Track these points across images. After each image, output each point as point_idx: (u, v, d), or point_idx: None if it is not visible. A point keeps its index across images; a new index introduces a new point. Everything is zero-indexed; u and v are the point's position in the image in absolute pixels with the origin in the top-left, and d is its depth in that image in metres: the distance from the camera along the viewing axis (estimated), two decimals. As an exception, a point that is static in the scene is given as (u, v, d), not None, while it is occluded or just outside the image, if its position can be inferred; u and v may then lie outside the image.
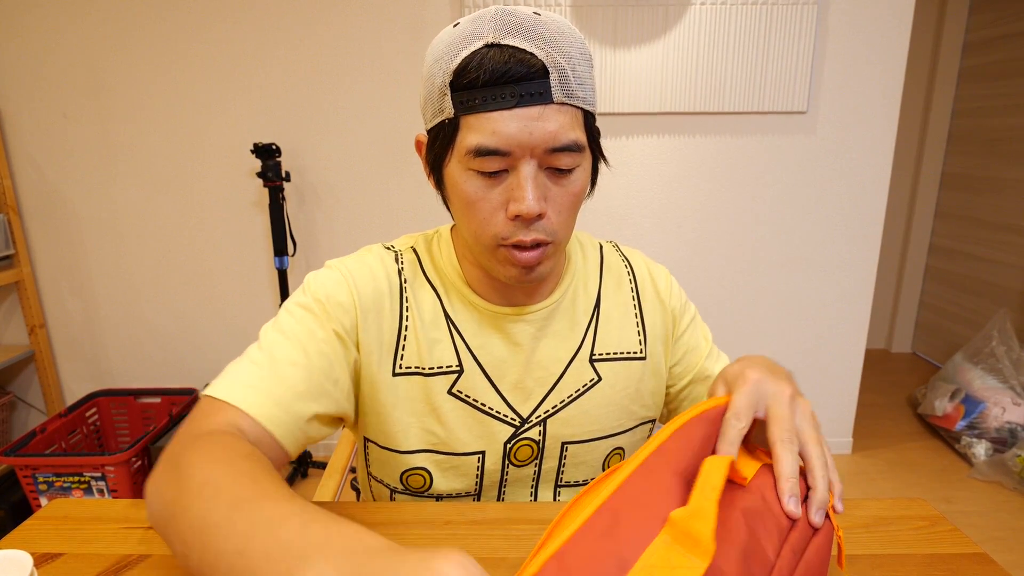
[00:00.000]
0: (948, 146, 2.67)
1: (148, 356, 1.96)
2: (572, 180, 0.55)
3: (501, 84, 0.50)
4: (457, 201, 0.56)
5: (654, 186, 1.81)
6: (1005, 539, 1.61)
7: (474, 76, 0.50)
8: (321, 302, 0.58)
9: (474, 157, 0.52)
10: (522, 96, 0.50)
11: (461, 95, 0.51)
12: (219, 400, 0.50)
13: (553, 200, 0.54)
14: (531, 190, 0.51)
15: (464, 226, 0.57)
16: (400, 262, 0.64)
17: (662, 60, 1.68)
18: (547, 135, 0.51)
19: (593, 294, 0.68)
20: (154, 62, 1.72)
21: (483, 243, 0.56)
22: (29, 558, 0.40)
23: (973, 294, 2.55)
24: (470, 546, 0.52)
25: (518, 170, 0.52)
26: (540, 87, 0.50)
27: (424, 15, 1.68)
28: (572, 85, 0.51)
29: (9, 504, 1.59)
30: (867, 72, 1.71)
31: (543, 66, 0.50)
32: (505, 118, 0.50)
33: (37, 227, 1.85)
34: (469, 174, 0.53)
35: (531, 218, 0.53)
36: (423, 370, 0.61)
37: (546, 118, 0.51)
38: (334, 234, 1.85)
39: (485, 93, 0.50)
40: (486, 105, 0.50)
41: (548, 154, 0.52)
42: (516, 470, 0.65)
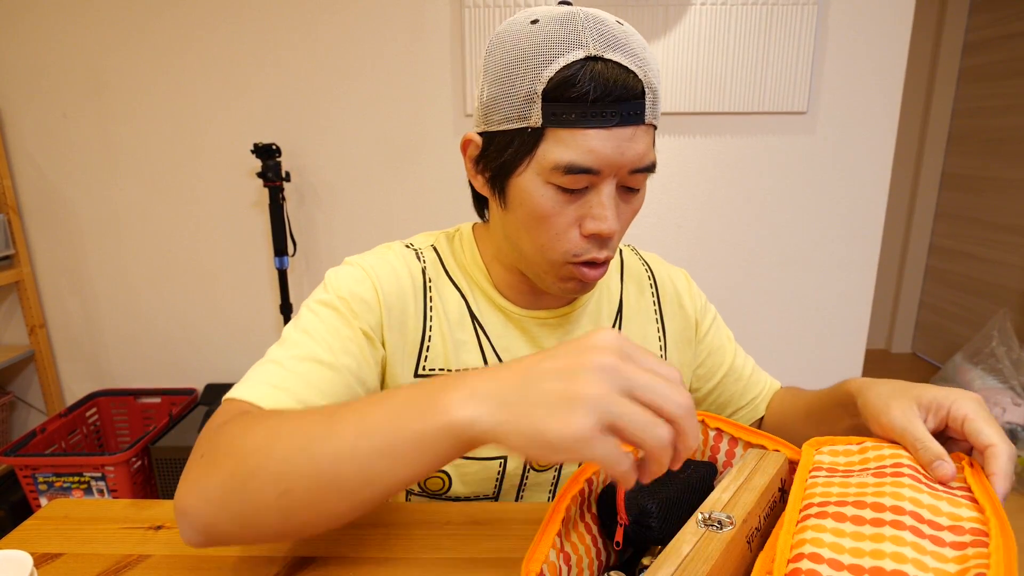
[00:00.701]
0: (948, 146, 2.68)
1: (148, 356, 1.96)
2: (638, 198, 0.55)
3: (605, 102, 0.48)
4: (524, 214, 0.53)
5: (654, 186, 1.81)
6: (1005, 539, 1.61)
7: (580, 92, 0.47)
8: (345, 300, 0.56)
9: (563, 174, 0.50)
10: (623, 116, 0.49)
11: (556, 106, 0.48)
12: (240, 400, 0.49)
13: (621, 216, 0.54)
14: (612, 209, 0.51)
15: (528, 240, 0.55)
16: (422, 260, 0.62)
17: (662, 60, 1.68)
18: (636, 156, 0.50)
19: (616, 297, 0.68)
20: (154, 62, 1.72)
21: (549, 258, 0.54)
22: (29, 558, 0.40)
23: (973, 294, 2.55)
24: (470, 546, 0.52)
25: (600, 189, 0.51)
26: (638, 107, 0.49)
27: (424, 15, 1.68)
28: (658, 108, 0.52)
29: (9, 504, 1.59)
30: (867, 72, 1.71)
31: (643, 88, 0.49)
32: (602, 137, 0.48)
33: (37, 227, 1.85)
34: (548, 188, 0.51)
35: (609, 237, 0.52)
36: (448, 371, 0.60)
37: (637, 139, 0.50)
38: (334, 234, 1.85)
39: (587, 109, 0.48)
40: (585, 121, 0.48)
41: (629, 174, 0.52)
42: (536, 475, 0.64)
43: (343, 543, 0.52)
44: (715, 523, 0.38)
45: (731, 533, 0.37)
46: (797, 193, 1.80)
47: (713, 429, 0.53)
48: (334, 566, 0.50)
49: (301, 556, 0.51)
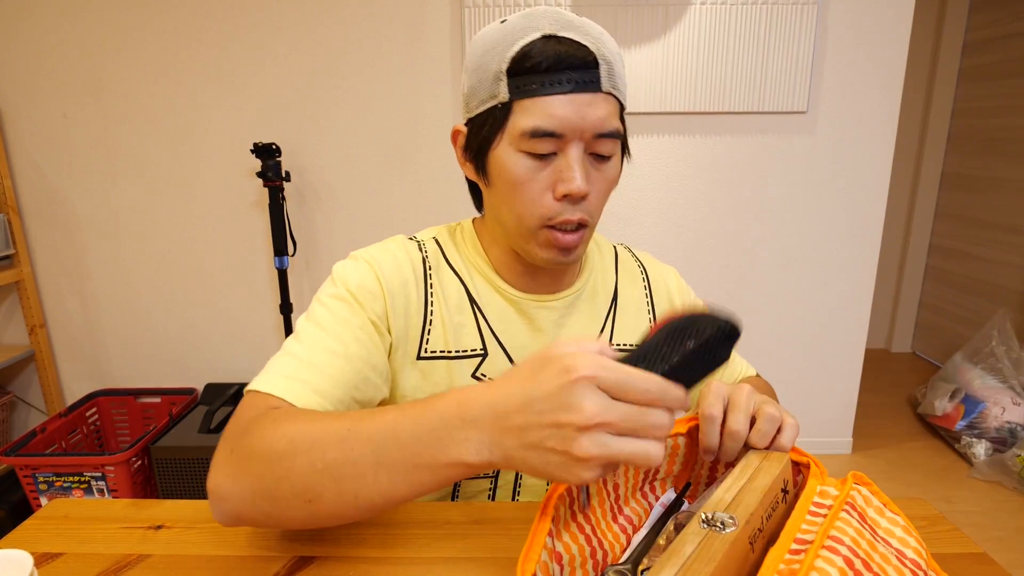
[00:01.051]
0: (948, 146, 2.68)
1: (148, 356, 1.96)
2: (609, 167, 0.59)
3: (559, 71, 0.54)
4: (503, 184, 0.58)
5: (654, 186, 1.81)
6: (1005, 539, 1.61)
7: (535, 62, 0.54)
8: (352, 292, 0.59)
9: (529, 138, 0.55)
10: (577, 83, 0.54)
11: (519, 80, 0.55)
12: (261, 393, 0.52)
13: (594, 183, 0.58)
14: (580, 170, 0.55)
15: (507, 209, 0.59)
16: (423, 250, 0.66)
17: (662, 60, 1.68)
18: (597, 120, 0.55)
19: (611, 287, 0.71)
20: (154, 62, 1.72)
21: (527, 225, 0.58)
22: (29, 558, 0.40)
23: (973, 294, 2.55)
24: (471, 546, 0.52)
25: (567, 152, 0.55)
26: (592, 76, 0.55)
27: (424, 15, 1.68)
28: (616, 79, 0.56)
29: (9, 504, 1.59)
30: (867, 72, 1.71)
31: (595, 58, 0.55)
32: (561, 102, 0.54)
33: (37, 227, 1.85)
34: (519, 156, 0.56)
35: (578, 198, 0.56)
36: (448, 353, 0.63)
37: (596, 105, 0.55)
38: (334, 234, 1.85)
39: (544, 78, 0.54)
40: (544, 89, 0.54)
41: (594, 139, 0.56)
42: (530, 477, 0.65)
43: (343, 543, 0.52)
44: (718, 524, 0.38)
45: (734, 534, 0.37)
46: (797, 193, 1.80)
47: None
48: (334, 566, 0.50)
49: (301, 556, 0.51)
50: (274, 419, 0.47)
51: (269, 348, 1.91)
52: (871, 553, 0.37)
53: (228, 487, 0.46)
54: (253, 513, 0.45)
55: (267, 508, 0.44)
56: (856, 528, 0.38)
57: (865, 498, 0.43)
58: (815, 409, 1.99)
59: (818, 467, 0.46)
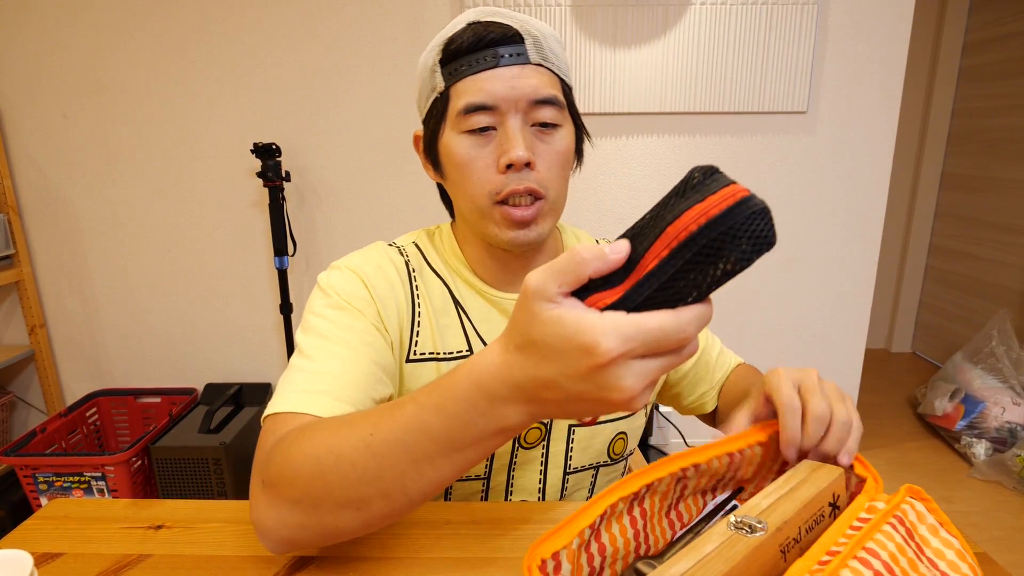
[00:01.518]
0: (948, 146, 2.68)
1: (148, 356, 1.96)
2: (557, 138, 0.59)
3: (483, 48, 0.56)
4: (452, 169, 0.60)
5: (654, 186, 1.81)
6: (1005, 539, 1.61)
7: (459, 44, 0.56)
8: (348, 299, 0.59)
9: (464, 116, 0.57)
10: (501, 57, 0.56)
11: (449, 67, 0.58)
12: (279, 414, 0.51)
13: (541, 155, 0.58)
14: (519, 138, 0.56)
15: (461, 195, 0.60)
16: (405, 255, 0.66)
17: (662, 60, 1.68)
18: (529, 89, 0.56)
19: None
20: (154, 62, 1.71)
21: (479, 204, 0.58)
22: (29, 558, 0.40)
23: (973, 294, 2.55)
24: (470, 546, 0.52)
25: (505, 124, 0.57)
26: (517, 49, 0.56)
27: (424, 15, 1.68)
28: (546, 52, 0.58)
29: (9, 504, 1.59)
30: (867, 72, 1.71)
31: (518, 32, 0.57)
32: (489, 77, 0.56)
33: (37, 227, 1.85)
34: (461, 137, 0.58)
35: (521, 165, 0.56)
36: (437, 355, 0.63)
37: (526, 75, 0.56)
38: (334, 234, 1.85)
39: (470, 58, 0.56)
40: (472, 68, 0.56)
41: (532, 107, 0.57)
42: (524, 452, 0.65)
43: (343, 543, 0.52)
44: (746, 527, 0.37)
45: (761, 539, 0.36)
46: (797, 193, 1.80)
47: None
48: (334, 566, 0.50)
49: (301, 556, 0.51)
50: (293, 440, 0.46)
51: (269, 348, 1.91)
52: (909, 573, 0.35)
53: (271, 518, 0.45)
54: (305, 535, 0.45)
55: (316, 527, 0.44)
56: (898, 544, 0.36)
57: (918, 514, 0.41)
58: (815, 409, 1.98)
59: (876, 482, 0.44)
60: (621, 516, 0.43)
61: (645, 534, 0.45)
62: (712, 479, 0.49)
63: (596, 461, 0.68)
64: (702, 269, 0.34)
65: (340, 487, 0.42)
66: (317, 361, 0.54)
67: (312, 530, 0.44)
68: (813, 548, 0.36)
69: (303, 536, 0.45)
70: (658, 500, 0.46)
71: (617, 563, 0.42)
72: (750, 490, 0.53)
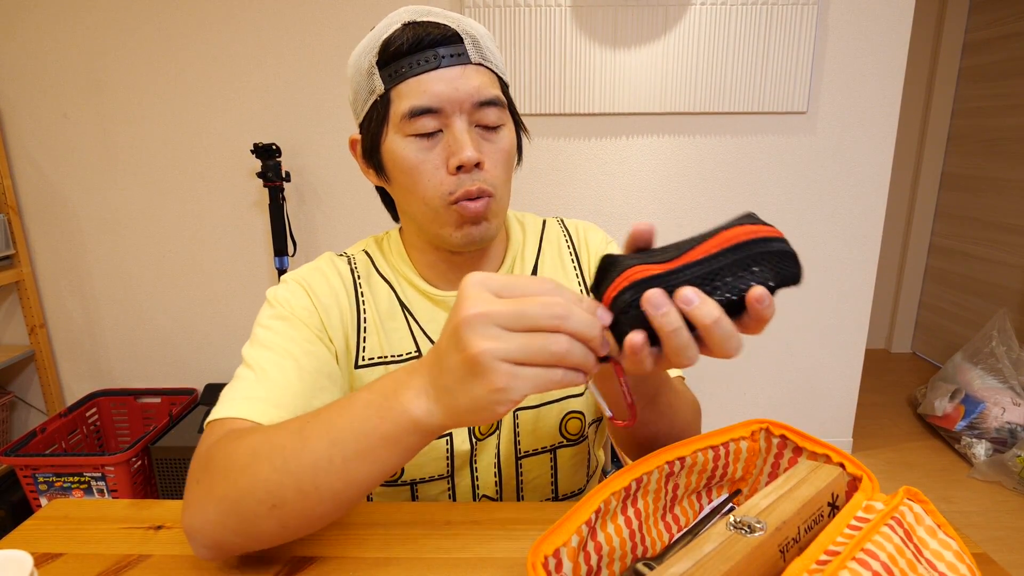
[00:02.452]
0: (948, 146, 2.68)
1: (148, 356, 1.96)
2: (500, 137, 0.59)
3: (423, 49, 0.55)
4: (399, 174, 0.59)
5: (654, 186, 1.81)
6: (1005, 539, 1.61)
7: (398, 46, 0.55)
8: (291, 310, 0.61)
9: (409, 120, 0.56)
10: (443, 57, 0.56)
11: (389, 69, 0.56)
12: (220, 420, 0.52)
13: (488, 154, 0.58)
14: (467, 139, 0.56)
15: (411, 199, 0.60)
16: (352, 263, 0.67)
17: (662, 60, 1.68)
18: (472, 90, 0.56)
19: (530, 266, 0.71)
20: (154, 62, 1.72)
21: (432, 206, 0.58)
22: (29, 558, 0.40)
23: (973, 294, 2.55)
24: (470, 546, 0.52)
25: (451, 127, 0.56)
26: (458, 50, 0.56)
27: (424, 15, 1.68)
28: (484, 51, 0.58)
29: (9, 504, 1.59)
30: (867, 72, 1.71)
31: (456, 33, 0.56)
32: (432, 79, 0.55)
33: (37, 227, 1.85)
34: (407, 141, 0.57)
35: (471, 166, 0.56)
36: (384, 359, 0.64)
37: (468, 76, 0.56)
38: (334, 234, 1.85)
39: (411, 60, 0.56)
40: (413, 70, 0.55)
41: (476, 109, 0.57)
42: (482, 444, 0.66)
43: (343, 543, 0.52)
44: (744, 527, 0.37)
45: (760, 539, 0.36)
46: (797, 193, 1.80)
47: (777, 436, 0.51)
48: (334, 566, 0.50)
49: (301, 556, 0.51)
50: (236, 435, 0.47)
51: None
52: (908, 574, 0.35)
53: (199, 518, 0.45)
54: (226, 536, 0.45)
55: (236, 525, 0.44)
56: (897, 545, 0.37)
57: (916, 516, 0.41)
58: (815, 409, 1.99)
59: (871, 481, 0.45)
60: (616, 515, 0.43)
61: (641, 535, 0.45)
62: (702, 476, 0.49)
63: (550, 443, 0.68)
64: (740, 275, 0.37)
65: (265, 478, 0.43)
66: (258, 370, 0.55)
67: (233, 530, 0.44)
68: (811, 547, 0.36)
69: (226, 538, 0.45)
70: (651, 500, 0.46)
71: (615, 564, 0.42)
72: (746, 492, 0.54)
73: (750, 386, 1.94)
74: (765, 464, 0.52)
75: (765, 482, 0.53)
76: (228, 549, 0.47)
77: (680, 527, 0.49)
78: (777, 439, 0.51)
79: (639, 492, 0.45)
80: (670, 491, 0.48)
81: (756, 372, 1.93)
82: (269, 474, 0.43)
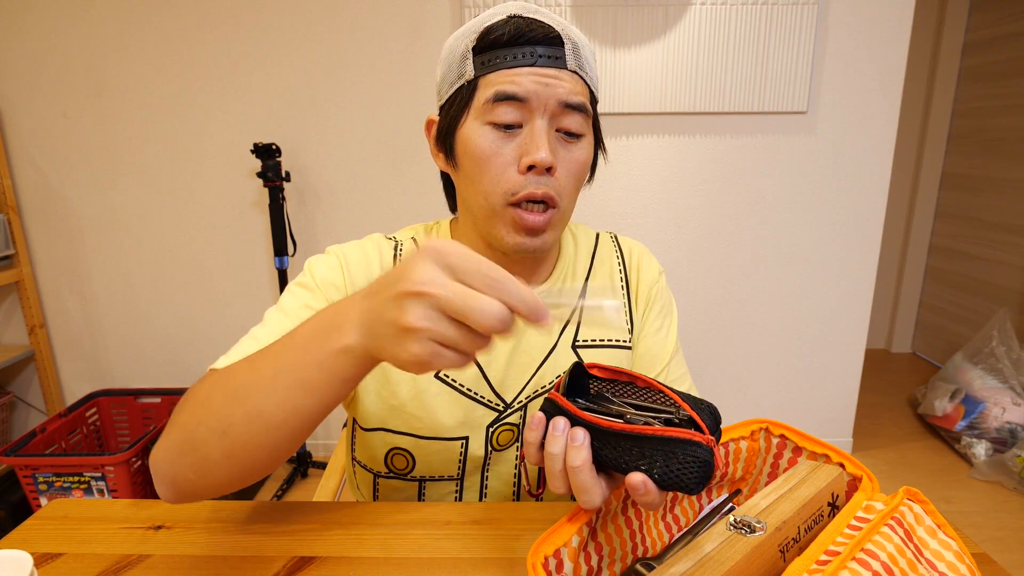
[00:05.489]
0: (948, 146, 2.67)
1: (148, 356, 1.96)
2: (579, 147, 0.58)
3: (522, 44, 0.55)
4: (468, 161, 0.57)
5: (654, 186, 1.81)
6: (1005, 539, 1.61)
7: (497, 35, 0.54)
8: (317, 281, 0.61)
9: (492, 105, 0.55)
10: (540, 56, 0.55)
11: (483, 56, 0.55)
12: (212, 369, 0.53)
13: (562, 162, 0.57)
14: (545, 141, 0.54)
15: (474, 190, 0.59)
16: (399, 249, 0.66)
17: (662, 60, 1.68)
18: (562, 90, 0.55)
19: (580, 282, 0.69)
20: (154, 62, 1.71)
21: (492, 203, 0.57)
22: (29, 558, 0.40)
23: (973, 294, 2.55)
24: (471, 546, 0.52)
25: (532, 124, 0.55)
26: (556, 52, 0.55)
27: (424, 15, 1.68)
28: (582, 60, 0.57)
29: (9, 504, 1.59)
30: (867, 72, 1.71)
31: (559, 35, 0.55)
32: (525, 73, 0.54)
33: (37, 227, 1.85)
34: (485, 128, 0.56)
35: (543, 169, 0.55)
36: None
37: (561, 79, 0.55)
38: (334, 234, 1.85)
39: (508, 52, 0.55)
40: (507, 63, 0.55)
41: (560, 111, 0.56)
42: (498, 454, 0.66)
43: (343, 543, 0.52)
44: (744, 527, 0.37)
45: (760, 538, 0.36)
46: (797, 193, 1.80)
47: (777, 436, 0.51)
48: (334, 566, 0.50)
49: (301, 556, 0.51)
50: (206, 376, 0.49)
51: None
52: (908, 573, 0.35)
53: (160, 452, 0.47)
54: (182, 470, 0.46)
55: (190, 458, 0.45)
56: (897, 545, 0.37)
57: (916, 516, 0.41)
58: (815, 409, 1.99)
59: (871, 481, 0.45)
60: (616, 515, 0.43)
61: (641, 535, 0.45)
62: None
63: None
64: (634, 454, 0.39)
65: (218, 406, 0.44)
66: (268, 331, 0.56)
67: (188, 464, 0.45)
68: (812, 547, 0.36)
69: (180, 472, 0.46)
70: None
71: (615, 564, 0.42)
72: (746, 492, 0.54)
73: (750, 386, 1.94)
74: (765, 464, 0.52)
75: (765, 482, 0.53)
76: (183, 487, 0.47)
77: (680, 527, 0.49)
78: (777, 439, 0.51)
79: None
80: None
81: (756, 372, 1.93)
82: (220, 401, 0.44)
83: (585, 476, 0.39)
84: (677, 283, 1.88)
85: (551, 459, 0.41)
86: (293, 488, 1.88)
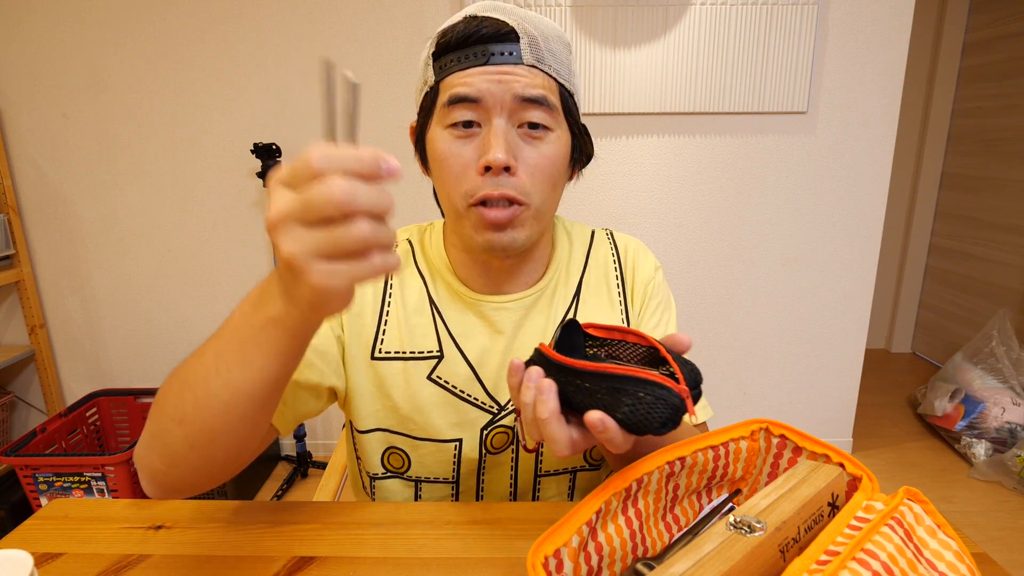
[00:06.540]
0: (948, 146, 2.67)
1: (148, 356, 1.96)
2: (546, 143, 0.56)
3: (472, 44, 0.54)
4: (435, 165, 0.58)
5: (654, 186, 1.81)
6: (1005, 539, 1.61)
7: (449, 39, 0.54)
8: None
9: (448, 108, 0.54)
10: (492, 55, 0.53)
11: (440, 62, 0.56)
12: None
13: (525, 160, 0.55)
14: (501, 140, 0.53)
15: (442, 193, 0.59)
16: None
17: (662, 60, 1.68)
18: (518, 85, 0.54)
19: (575, 282, 0.68)
20: (154, 62, 1.71)
21: (455, 205, 0.57)
22: (29, 558, 0.40)
23: (973, 294, 2.55)
24: (471, 546, 0.52)
25: (490, 124, 0.54)
26: (510, 48, 0.54)
27: (424, 15, 1.68)
28: (543, 53, 0.55)
29: (9, 504, 1.59)
30: (867, 72, 1.71)
31: (513, 30, 0.54)
32: (479, 73, 0.54)
33: (37, 227, 1.85)
34: (445, 133, 0.56)
35: (499, 169, 0.53)
36: (403, 354, 0.63)
37: (516, 74, 0.54)
38: (334, 234, 1.85)
39: (459, 54, 0.54)
40: (460, 64, 0.54)
41: (520, 106, 0.54)
42: (493, 457, 0.65)
43: (343, 543, 0.52)
44: (744, 527, 0.37)
45: (760, 538, 0.36)
46: (797, 193, 1.80)
47: (777, 436, 0.51)
48: (334, 566, 0.50)
49: (301, 556, 0.51)
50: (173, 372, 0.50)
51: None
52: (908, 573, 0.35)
53: (139, 449, 0.49)
54: (154, 461, 0.47)
55: (159, 448, 0.46)
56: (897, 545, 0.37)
57: (916, 516, 0.41)
58: (815, 409, 1.99)
59: (871, 481, 0.44)
60: (616, 515, 0.43)
61: (642, 535, 0.45)
62: (702, 477, 0.49)
63: (572, 465, 0.67)
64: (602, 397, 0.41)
65: (174, 395, 0.45)
66: None
67: (158, 454, 0.46)
68: (812, 547, 0.36)
69: (153, 464, 0.47)
70: (652, 501, 0.46)
71: (615, 564, 0.42)
72: (746, 492, 0.54)
73: (750, 386, 1.95)
74: (765, 464, 0.52)
75: (765, 482, 0.53)
76: (157, 479, 0.48)
77: (680, 527, 0.49)
78: (777, 439, 0.51)
79: (639, 492, 0.45)
80: (670, 491, 0.48)
81: (756, 372, 1.93)
82: (176, 391, 0.45)
83: (552, 427, 0.41)
84: (677, 283, 1.88)
85: (523, 408, 0.43)
86: (293, 488, 1.89)
